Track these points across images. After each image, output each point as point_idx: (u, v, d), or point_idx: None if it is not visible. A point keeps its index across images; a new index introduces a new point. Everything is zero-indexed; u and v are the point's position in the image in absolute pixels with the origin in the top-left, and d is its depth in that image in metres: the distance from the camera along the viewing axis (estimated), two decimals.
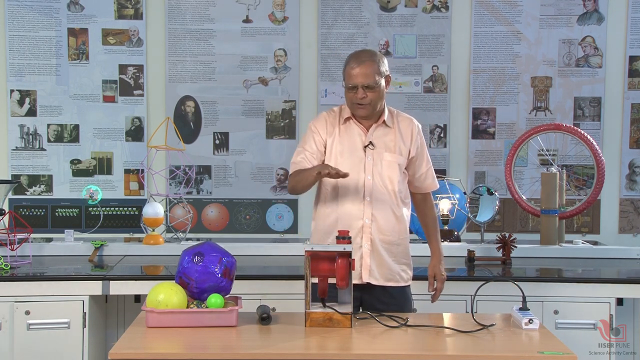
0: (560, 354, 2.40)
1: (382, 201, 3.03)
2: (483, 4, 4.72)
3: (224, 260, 2.75)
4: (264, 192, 4.74)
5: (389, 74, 3.05)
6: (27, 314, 3.48)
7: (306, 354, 2.44)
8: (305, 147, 3.07)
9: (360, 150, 3.04)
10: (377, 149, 3.05)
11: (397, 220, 3.07)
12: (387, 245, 3.05)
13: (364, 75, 2.95)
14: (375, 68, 2.98)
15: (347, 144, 3.05)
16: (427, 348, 2.52)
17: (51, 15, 4.63)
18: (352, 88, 2.98)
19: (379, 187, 3.03)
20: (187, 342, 2.51)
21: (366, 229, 3.02)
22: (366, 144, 3.04)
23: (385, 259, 3.05)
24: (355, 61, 2.98)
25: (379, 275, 3.05)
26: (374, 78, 2.96)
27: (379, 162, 3.04)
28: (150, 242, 4.13)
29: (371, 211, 3.02)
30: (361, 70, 2.96)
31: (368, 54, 3.04)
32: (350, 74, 2.98)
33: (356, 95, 2.98)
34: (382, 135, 3.07)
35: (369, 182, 3.02)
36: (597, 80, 4.72)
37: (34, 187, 4.67)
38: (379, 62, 3.00)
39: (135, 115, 4.69)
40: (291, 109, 4.74)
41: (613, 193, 4.73)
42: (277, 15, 4.71)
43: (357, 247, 3.01)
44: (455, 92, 4.76)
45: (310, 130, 3.10)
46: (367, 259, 3.04)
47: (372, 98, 2.98)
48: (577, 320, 3.55)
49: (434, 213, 3.27)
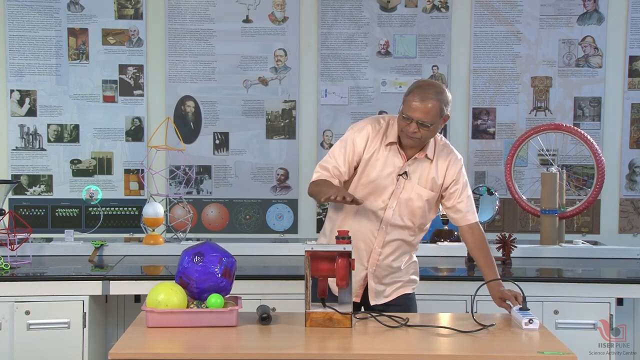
0: (560, 354, 2.40)
1: (398, 231, 2.96)
2: (483, 4, 4.72)
3: (224, 260, 2.75)
4: (264, 192, 4.74)
5: (448, 114, 2.86)
6: (27, 314, 3.48)
7: (306, 354, 2.44)
8: (337, 160, 2.92)
9: (393, 178, 2.91)
10: (410, 180, 2.93)
11: (407, 246, 3.02)
12: (392, 269, 3.02)
13: (424, 113, 2.77)
14: (438, 108, 2.79)
15: (382, 167, 2.92)
16: (427, 348, 2.52)
17: (51, 15, 4.63)
18: (407, 118, 2.81)
19: (398, 218, 2.94)
20: (187, 342, 2.51)
21: (374, 255, 2.98)
22: (401, 173, 2.92)
23: (389, 281, 3.03)
24: (420, 95, 2.79)
25: (383, 294, 3.03)
26: (432, 118, 2.79)
27: (408, 194, 2.92)
28: (150, 242, 4.13)
29: (384, 239, 2.95)
30: (422, 106, 2.77)
31: (434, 91, 2.81)
32: (410, 106, 2.79)
33: (408, 128, 2.81)
34: (419, 167, 2.94)
35: (389, 211, 2.92)
36: (597, 80, 4.72)
37: (34, 187, 4.67)
38: (444, 103, 2.81)
39: (135, 115, 4.69)
40: (291, 109, 4.74)
41: (613, 193, 4.73)
42: (277, 15, 4.72)
43: (362, 268, 2.98)
44: (455, 92, 4.71)
45: (349, 141, 2.93)
46: (372, 282, 3.01)
47: (423, 135, 2.82)
48: (577, 320, 3.55)
49: (486, 250, 3.00)
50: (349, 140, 2.93)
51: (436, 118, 2.81)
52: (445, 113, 2.84)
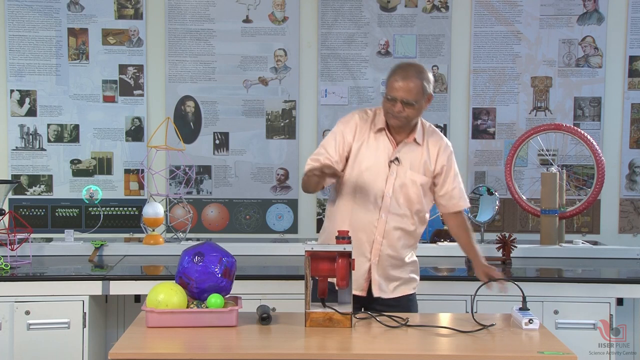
0: (560, 354, 2.40)
1: (397, 219, 2.98)
2: (483, 4, 4.72)
3: (224, 260, 2.75)
4: (264, 192, 4.74)
5: (431, 93, 2.92)
6: (27, 314, 3.48)
7: (306, 354, 2.44)
8: (328, 150, 2.97)
9: (384, 165, 2.96)
10: (402, 165, 2.96)
11: (409, 237, 3.03)
12: (395, 262, 3.03)
13: (406, 91, 2.84)
14: (420, 86, 2.86)
15: (373, 155, 2.96)
16: (427, 348, 2.52)
17: (51, 15, 4.63)
18: (391, 99, 2.87)
19: (396, 205, 2.96)
20: (187, 342, 2.51)
21: (376, 244, 2.99)
22: (392, 159, 2.96)
23: (392, 273, 3.04)
24: (401, 74, 2.86)
25: (387, 288, 3.03)
26: (415, 96, 2.85)
27: (402, 180, 2.96)
28: (150, 242, 4.13)
29: (384, 227, 2.97)
30: (405, 85, 2.84)
31: (416, 70, 2.89)
32: (393, 86, 2.86)
33: (393, 108, 2.87)
34: (410, 152, 2.98)
35: (387, 199, 2.95)
36: (597, 80, 4.72)
37: (34, 187, 4.67)
38: (425, 81, 2.88)
39: (135, 115, 4.69)
40: (291, 109, 4.74)
41: (613, 193, 4.73)
42: (277, 15, 4.71)
43: (365, 260, 2.99)
44: (455, 92, 4.76)
45: (338, 132, 2.99)
46: (374, 274, 3.01)
47: (408, 114, 2.88)
48: (577, 320, 3.55)
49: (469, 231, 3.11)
50: (338, 132, 3.00)
51: (420, 96, 2.87)
52: (428, 92, 2.91)
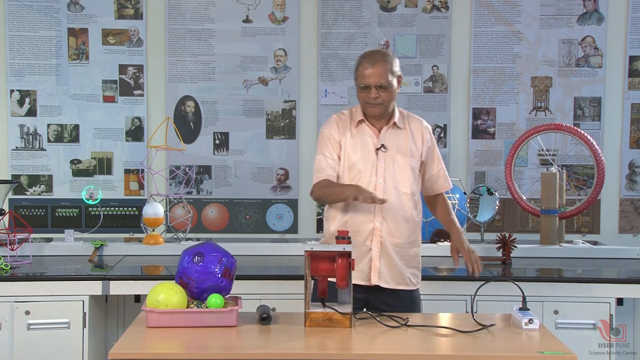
0: (560, 354, 2.40)
1: (394, 204, 3.01)
2: (483, 4, 4.72)
3: (224, 260, 2.75)
4: (264, 192, 4.74)
5: (400, 74, 3.05)
6: (27, 314, 3.48)
7: (306, 354, 2.44)
8: (325, 154, 3.07)
9: (372, 153, 3.04)
10: (389, 151, 3.04)
11: (408, 223, 3.05)
12: (397, 249, 3.04)
13: (377, 75, 2.97)
14: (388, 68, 2.99)
15: (359, 146, 3.05)
16: (427, 348, 2.52)
17: (51, 15, 4.63)
18: (365, 88, 2.99)
19: (390, 190, 3.01)
20: (187, 342, 2.51)
21: (376, 231, 3.01)
22: (378, 147, 3.04)
23: (395, 262, 3.04)
24: (369, 61, 2.99)
25: (389, 278, 3.04)
26: (387, 78, 2.97)
27: (391, 165, 3.03)
28: (150, 242, 4.13)
29: (382, 214, 3.01)
30: (374, 71, 2.97)
31: (380, 54, 3.05)
32: (364, 74, 2.99)
33: (369, 95, 2.99)
34: (394, 137, 3.07)
35: (380, 185, 3.01)
36: (597, 80, 4.72)
37: (34, 187, 4.67)
38: (392, 63, 3.01)
39: (135, 115, 4.69)
40: (291, 109, 4.74)
41: (613, 193, 4.73)
42: (277, 15, 4.72)
43: (366, 250, 3.01)
44: (455, 92, 4.76)
45: (325, 136, 3.10)
46: (376, 262, 3.02)
47: (384, 98, 2.99)
48: (577, 320, 3.55)
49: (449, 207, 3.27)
50: (324, 136, 3.11)
51: (390, 77, 3.00)
52: (398, 73, 3.04)
